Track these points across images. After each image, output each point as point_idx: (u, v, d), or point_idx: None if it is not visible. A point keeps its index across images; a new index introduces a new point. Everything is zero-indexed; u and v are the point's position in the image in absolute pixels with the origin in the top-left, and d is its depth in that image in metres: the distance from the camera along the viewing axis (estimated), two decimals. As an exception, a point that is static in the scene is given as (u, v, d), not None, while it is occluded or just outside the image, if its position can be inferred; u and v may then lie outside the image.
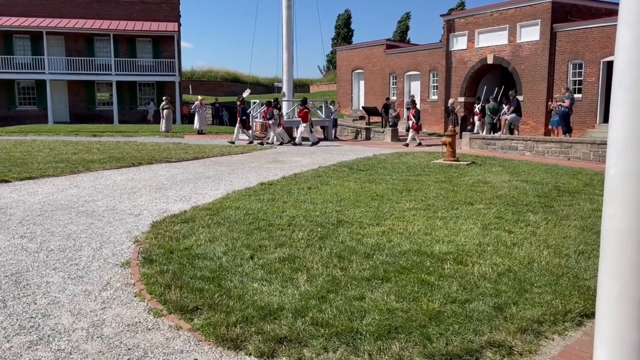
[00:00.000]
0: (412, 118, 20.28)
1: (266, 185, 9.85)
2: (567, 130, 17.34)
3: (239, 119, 20.96)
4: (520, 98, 20.28)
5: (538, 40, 21.11)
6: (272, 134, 20.43)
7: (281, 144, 20.06)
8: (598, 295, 2.54)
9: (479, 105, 21.20)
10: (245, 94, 23.23)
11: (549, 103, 19.59)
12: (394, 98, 28.31)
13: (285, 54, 23.14)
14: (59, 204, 8.22)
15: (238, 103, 22.03)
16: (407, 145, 19.32)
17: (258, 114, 23.14)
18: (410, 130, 20.45)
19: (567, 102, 17.32)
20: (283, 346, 3.56)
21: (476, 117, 21.58)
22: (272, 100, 21.05)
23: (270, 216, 7.17)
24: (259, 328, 3.78)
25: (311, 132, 20.32)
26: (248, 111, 21.78)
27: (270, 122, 20.15)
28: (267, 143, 19.87)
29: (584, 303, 4.25)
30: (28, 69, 32.13)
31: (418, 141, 19.87)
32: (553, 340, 3.77)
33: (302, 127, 19.83)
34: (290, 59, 23.24)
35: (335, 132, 24.11)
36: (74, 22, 32.68)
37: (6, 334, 3.79)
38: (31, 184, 10.11)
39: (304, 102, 20.35)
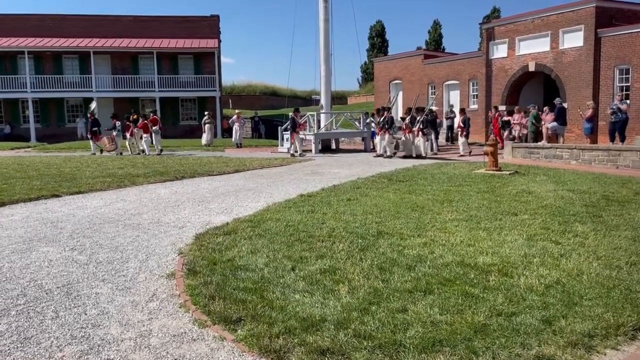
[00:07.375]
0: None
1: (306, 197, 9.90)
2: (621, 138, 16.77)
3: (89, 130, 22.17)
4: (564, 105, 19.75)
5: (582, 46, 20.57)
6: (139, 143, 21.86)
7: (138, 152, 21.97)
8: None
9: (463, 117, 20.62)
10: (93, 105, 23.93)
11: (578, 110, 18.99)
12: (434, 108, 28.01)
13: (323, 66, 23.30)
14: (107, 217, 8.49)
15: (89, 115, 23.23)
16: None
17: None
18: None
19: (608, 111, 16.92)
20: (326, 358, 3.55)
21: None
22: (115, 114, 23.22)
23: (310, 228, 7.20)
24: (301, 339, 3.79)
25: (152, 143, 21.79)
26: (117, 124, 22.40)
27: (114, 133, 21.87)
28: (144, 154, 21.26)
29: (637, 316, 4.08)
30: (76, 88, 33.51)
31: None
32: (605, 354, 3.63)
33: (144, 137, 21.48)
34: (328, 71, 23.38)
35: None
36: (120, 42, 33.93)
37: (59, 344, 3.92)
38: (80, 198, 10.47)
39: (145, 116, 22.32)
